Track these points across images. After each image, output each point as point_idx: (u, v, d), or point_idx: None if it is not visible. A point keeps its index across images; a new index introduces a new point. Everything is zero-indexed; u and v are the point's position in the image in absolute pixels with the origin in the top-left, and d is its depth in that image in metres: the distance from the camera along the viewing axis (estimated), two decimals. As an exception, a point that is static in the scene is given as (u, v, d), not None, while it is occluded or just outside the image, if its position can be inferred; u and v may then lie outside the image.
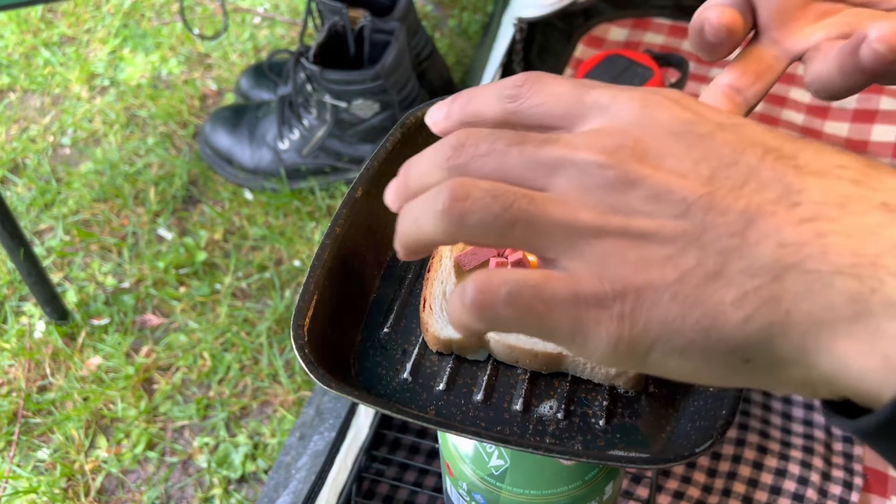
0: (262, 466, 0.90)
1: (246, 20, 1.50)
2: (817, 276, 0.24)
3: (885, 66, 0.33)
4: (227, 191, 1.20)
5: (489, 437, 0.36)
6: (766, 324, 0.25)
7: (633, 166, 0.27)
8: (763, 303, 0.25)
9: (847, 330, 0.24)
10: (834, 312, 0.24)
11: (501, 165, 0.28)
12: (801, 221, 0.25)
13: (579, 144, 0.27)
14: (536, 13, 1.05)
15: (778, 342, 0.25)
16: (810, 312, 0.24)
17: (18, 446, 0.93)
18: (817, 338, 0.24)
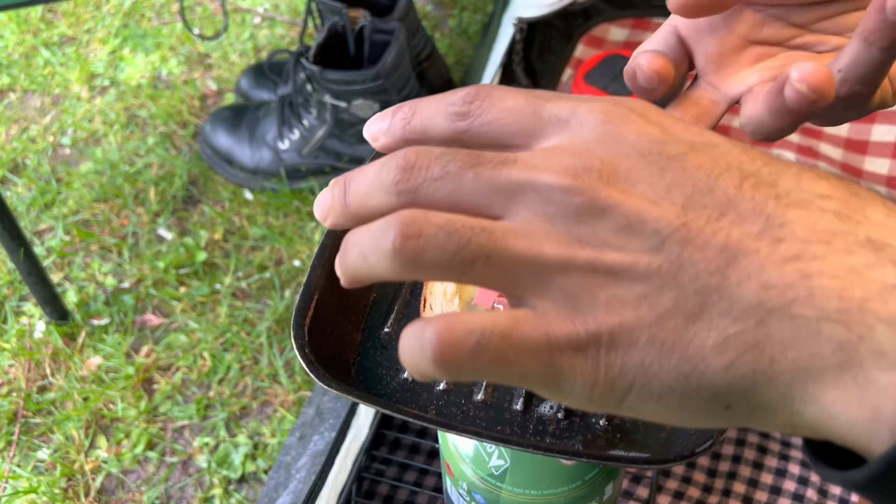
0: (262, 466, 0.90)
1: (246, 20, 1.50)
2: (804, 321, 0.23)
3: (808, 106, 0.33)
4: (227, 191, 1.20)
5: (489, 436, 0.36)
6: (749, 371, 0.24)
7: (601, 192, 0.24)
8: (746, 349, 0.23)
9: (835, 380, 0.23)
10: (821, 361, 0.23)
11: (455, 191, 0.25)
12: (785, 260, 0.23)
13: (540, 165, 0.25)
14: (536, 13, 1.05)
15: (762, 390, 0.24)
16: (796, 361, 0.23)
17: (18, 446, 0.93)
18: (804, 387, 0.23)
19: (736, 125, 1.04)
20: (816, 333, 0.23)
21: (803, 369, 0.23)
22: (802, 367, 0.23)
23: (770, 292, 0.23)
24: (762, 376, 0.23)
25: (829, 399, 0.23)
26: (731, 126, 1.05)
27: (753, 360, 0.23)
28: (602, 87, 0.95)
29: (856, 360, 0.22)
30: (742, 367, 0.23)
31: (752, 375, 0.23)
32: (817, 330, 0.23)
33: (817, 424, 0.24)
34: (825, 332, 0.23)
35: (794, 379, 0.23)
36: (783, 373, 0.23)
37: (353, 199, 0.27)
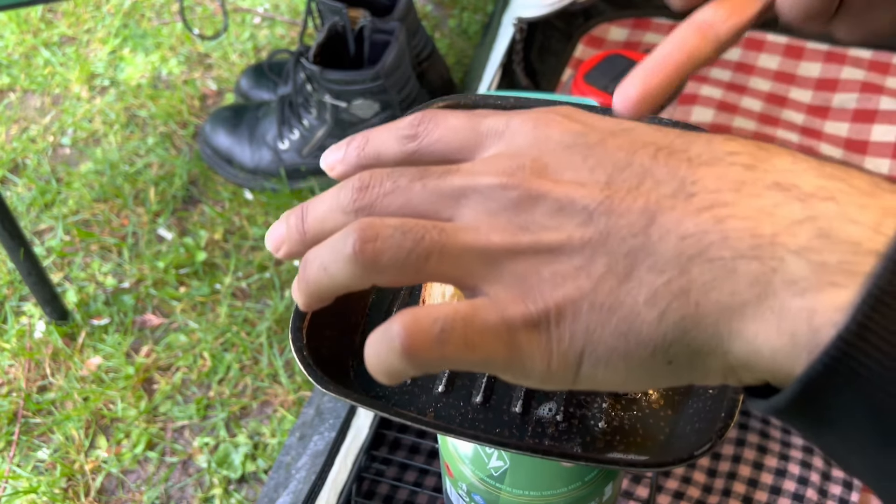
0: (262, 466, 0.90)
1: (246, 20, 1.50)
2: (721, 263, 0.24)
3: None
4: (227, 191, 1.20)
5: (488, 439, 0.36)
6: (679, 318, 0.25)
7: (533, 183, 0.27)
8: (673, 297, 0.25)
9: (754, 312, 0.24)
10: (740, 297, 0.24)
11: (406, 203, 0.28)
12: (699, 211, 0.25)
13: (479, 171, 0.28)
14: (536, 13, 1.05)
15: (693, 335, 0.25)
16: (718, 301, 0.25)
17: (18, 446, 0.93)
18: (728, 324, 0.25)
19: (736, 125, 1.04)
20: (733, 272, 0.24)
21: (726, 307, 0.25)
22: (725, 305, 0.25)
23: (688, 241, 0.25)
24: (690, 321, 0.25)
25: (751, 332, 0.24)
26: (732, 125, 1.05)
27: (681, 307, 0.25)
28: (602, 88, 0.95)
29: (770, 291, 0.24)
30: (671, 314, 0.25)
31: (681, 321, 0.25)
32: (734, 268, 0.24)
33: (747, 362, 0.25)
34: (741, 270, 0.24)
35: (720, 318, 0.25)
36: (709, 314, 0.25)
37: (311, 225, 0.29)
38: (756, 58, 1.14)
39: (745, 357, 0.25)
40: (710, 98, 1.08)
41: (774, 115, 1.06)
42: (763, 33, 1.16)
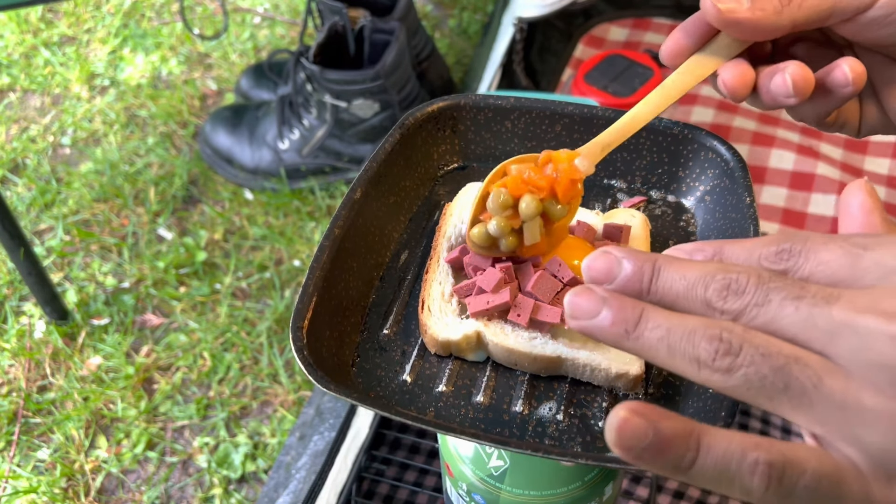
0: (262, 466, 0.90)
1: (246, 20, 1.50)
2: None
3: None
4: (227, 191, 1.20)
5: (488, 439, 0.36)
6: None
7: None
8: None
9: None
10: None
11: (774, 320, 0.25)
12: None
13: (864, 307, 0.24)
14: (536, 13, 1.05)
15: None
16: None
17: (18, 446, 0.93)
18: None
19: (736, 125, 1.04)
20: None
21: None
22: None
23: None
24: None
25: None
26: (732, 125, 1.05)
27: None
28: (602, 88, 0.95)
29: None
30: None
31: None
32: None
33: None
34: None
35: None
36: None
37: (662, 291, 0.27)
38: (756, 58, 1.14)
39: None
40: (710, 98, 1.08)
41: (774, 114, 1.06)
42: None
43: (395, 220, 0.48)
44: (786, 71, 0.38)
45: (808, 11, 0.37)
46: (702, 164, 0.49)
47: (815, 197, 0.96)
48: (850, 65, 0.38)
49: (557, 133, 0.51)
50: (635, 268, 0.28)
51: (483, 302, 0.41)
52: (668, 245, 0.48)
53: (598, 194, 0.51)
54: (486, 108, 0.51)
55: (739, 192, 0.45)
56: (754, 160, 1.00)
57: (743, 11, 0.37)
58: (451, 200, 0.49)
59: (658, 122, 0.49)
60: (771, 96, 0.39)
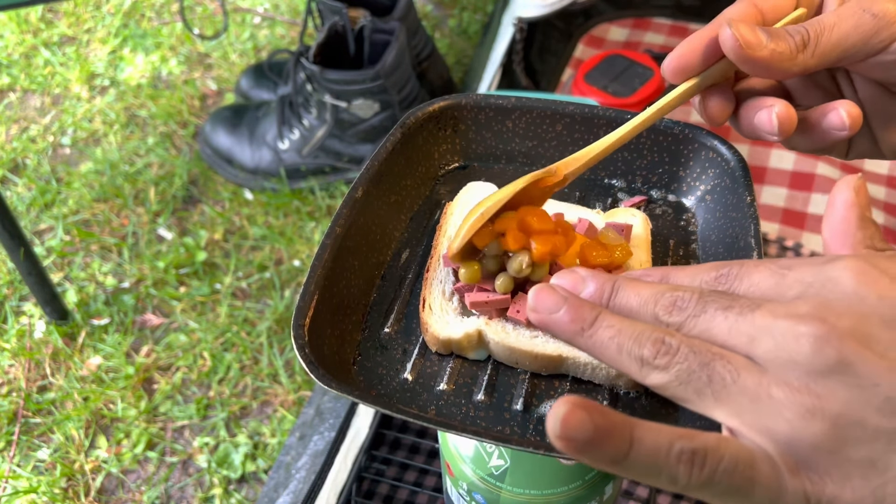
0: (262, 466, 0.90)
1: (246, 20, 1.50)
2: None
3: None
4: (227, 191, 1.20)
5: (489, 436, 0.36)
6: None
7: (835, 346, 0.26)
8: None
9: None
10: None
11: (708, 329, 0.28)
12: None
13: (782, 312, 0.27)
14: (536, 13, 1.05)
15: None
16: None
17: (18, 446, 0.93)
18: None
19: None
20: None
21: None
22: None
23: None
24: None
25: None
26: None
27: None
28: (602, 87, 0.95)
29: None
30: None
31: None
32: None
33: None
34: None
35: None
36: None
37: (619, 306, 0.31)
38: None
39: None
40: (709, 98, 1.08)
41: (774, 115, 1.06)
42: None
43: (396, 218, 0.48)
44: (772, 109, 0.38)
45: (819, 59, 0.37)
46: (702, 163, 0.49)
47: (814, 197, 0.96)
48: (847, 109, 0.38)
49: (558, 133, 0.51)
50: (597, 285, 0.31)
51: (483, 297, 0.41)
52: (668, 244, 0.48)
53: (598, 194, 0.51)
54: (487, 107, 0.51)
55: (740, 191, 0.45)
56: (754, 160, 1.00)
57: (761, 51, 0.37)
58: (452, 199, 0.49)
59: (659, 122, 0.49)
60: (752, 128, 0.40)
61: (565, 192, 0.51)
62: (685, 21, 1.21)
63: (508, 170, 0.53)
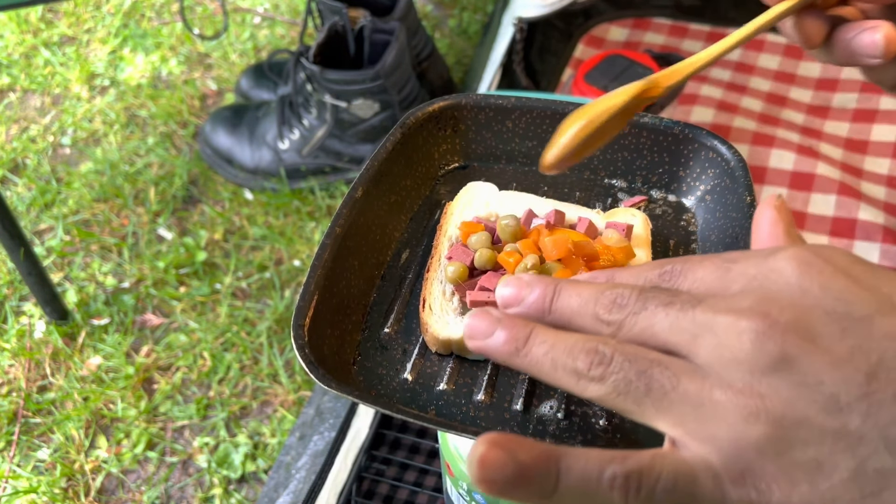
0: (262, 466, 0.90)
1: (246, 20, 1.50)
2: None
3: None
4: (227, 191, 1.20)
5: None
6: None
7: (778, 342, 0.25)
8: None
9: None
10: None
11: (650, 326, 0.27)
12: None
13: (724, 307, 0.26)
14: (536, 13, 1.05)
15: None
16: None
17: (18, 446, 0.93)
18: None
19: (736, 125, 1.04)
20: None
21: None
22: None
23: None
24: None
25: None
26: (732, 125, 1.05)
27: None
28: (602, 87, 0.95)
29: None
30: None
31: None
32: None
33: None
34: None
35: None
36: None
37: (560, 311, 0.30)
38: (756, 58, 1.14)
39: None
40: (710, 98, 1.08)
41: (774, 114, 1.06)
42: (763, 33, 1.16)
43: (396, 219, 0.48)
44: (878, 30, 0.37)
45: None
46: (702, 163, 0.49)
47: (814, 197, 0.96)
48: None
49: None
50: (541, 290, 0.30)
51: (483, 296, 0.41)
52: (668, 244, 0.48)
53: (598, 194, 0.51)
54: (487, 107, 0.51)
55: (740, 191, 0.45)
56: (754, 160, 1.00)
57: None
58: (452, 199, 0.49)
59: (659, 122, 0.49)
60: (850, 52, 0.38)
61: (565, 192, 0.51)
62: (685, 21, 1.21)
63: (508, 170, 0.53)
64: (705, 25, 1.20)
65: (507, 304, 0.31)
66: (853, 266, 0.26)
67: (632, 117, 0.40)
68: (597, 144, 0.38)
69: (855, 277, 0.26)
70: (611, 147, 0.51)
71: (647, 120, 0.49)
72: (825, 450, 0.24)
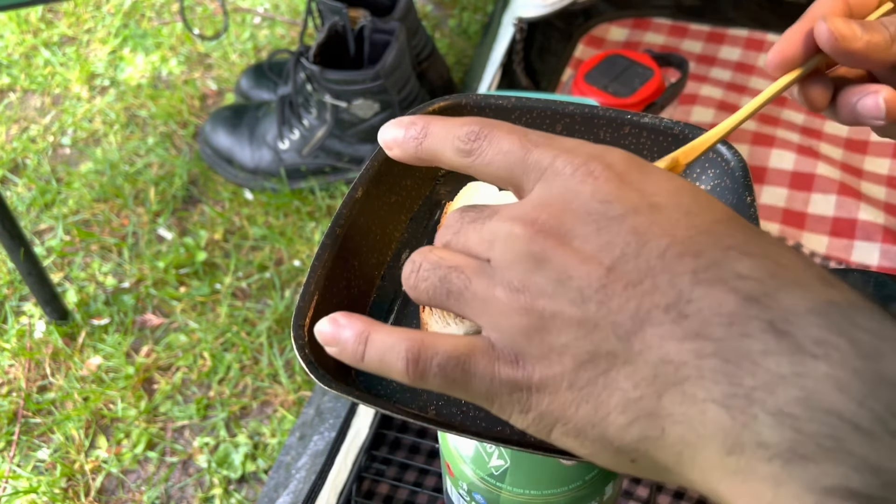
0: (262, 466, 0.90)
1: (246, 20, 1.50)
2: (692, 401, 0.24)
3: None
4: (227, 191, 1.20)
5: (489, 436, 0.36)
6: (644, 436, 0.26)
7: (539, 244, 0.28)
8: (642, 414, 0.26)
9: (720, 460, 0.24)
10: (706, 440, 0.24)
11: (466, 241, 0.30)
12: (685, 337, 0.25)
13: (509, 215, 0.29)
14: (536, 13, 1.05)
15: (655, 454, 0.26)
16: (683, 436, 0.25)
17: (18, 446, 0.93)
18: (692, 458, 0.25)
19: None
20: (702, 413, 0.24)
21: (690, 444, 0.25)
22: (690, 442, 0.25)
23: (666, 367, 0.25)
24: (655, 442, 0.26)
25: (715, 476, 0.25)
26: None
27: (648, 427, 0.26)
28: (602, 87, 0.95)
29: (737, 447, 0.24)
30: (637, 429, 0.26)
31: (646, 439, 0.26)
32: (703, 410, 0.24)
33: (707, 492, 0.25)
34: (710, 414, 0.24)
35: (683, 451, 0.25)
36: (674, 444, 0.25)
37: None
38: (756, 58, 1.14)
39: (705, 491, 0.25)
40: (710, 98, 1.08)
41: (774, 114, 1.06)
42: (763, 33, 1.16)
43: (396, 219, 0.48)
44: (878, 95, 0.40)
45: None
46: (702, 163, 0.49)
47: (814, 197, 0.96)
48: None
49: (558, 133, 0.51)
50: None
51: None
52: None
53: (598, 194, 0.51)
54: (488, 107, 0.51)
55: (740, 191, 0.45)
56: (754, 160, 1.00)
57: (857, 43, 0.38)
58: (452, 199, 0.49)
59: (659, 122, 0.49)
60: (853, 114, 0.41)
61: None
62: (685, 21, 1.21)
63: (508, 170, 0.53)
64: (705, 25, 1.20)
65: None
66: (629, 170, 0.29)
67: None
68: None
69: (627, 181, 0.28)
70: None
71: (647, 120, 0.49)
72: (571, 336, 0.27)
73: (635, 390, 0.26)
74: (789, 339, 0.24)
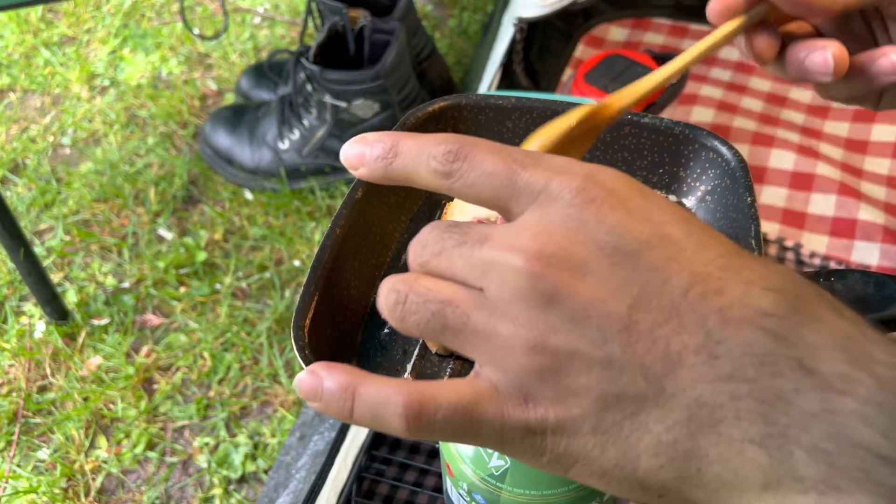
0: (262, 466, 0.90)
1: (246, 20, 1.50)
2: (729, 441, 0.24)
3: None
4: (227, 191, 1.20)
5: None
6: (678, 476, 0.25)
7: (550, 279, 0.26)
8: (676, 456, 0.25)
9: (757, 496, 0.24)
10: (744, 478, 0.24)
11: (450, 265, 0.28)
12: (718, 379, 0.25)
13: (506, 244, 0.27)
14: (536, 13, 1.05)
15: (690, 491, 0.26)
16: (719, 475, 0.25)
17: (18, 446, 0.93)
18: (728, 496, 0.25)
19: (736, 125, 1.04)
20: (740, 453, 0.24)
21: (727, 483, 0.25)
22: (726, 480, 0.25)
23: (701, 410, 0.25)
24: (689, 482, 0.25)
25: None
26: (732, 125, 1.05)
27: (682, 468, 0.25)
28: (602, 87, 0.95)
29: (774, 482, 0.24)
30: (671, 471, 0.25)
31: (679, 479, 0.25)
32: (741, 450, 0.24)
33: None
34: (748, 454, 0.24)
35: (720, 489, 0.25)
36: (708, 483, 0.25)
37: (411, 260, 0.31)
38: (756, 58, 1.14)
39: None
40: (710, 98, 1.08)
41: (774, 114, 1.06)
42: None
43: (395, 219, 0.48)
44: (827, 50, 0.39)
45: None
46: (703, 164, 0.49)
47: (814, 197, 0.96)
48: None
49: (558, 133, 0.51)
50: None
51: None
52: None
53: (598, 194, 0.51)
54: (488, 107, 0.51)
55: (740, 192, 0.45)
56: (754, 160, 1.00)
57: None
58: (452, 200, 0.49)
59: (659, 122, 0.49)
60: (801, 70, 0.40)
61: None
62: (685, 21, 1.21)
63: (508, 170, 0.53)
64: (705, 25, 1.20)
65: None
66: (631, 196, 0.27)
67: (593, 140, 0.40)
68: None
69: (631, 209, 0.27)
70: (611, 148, 0.51)
71: (647, 120, 0.49)
72: (594, 377, 0.26)
73: (668, 433, 0.25)
74: (817, 377, 0.24)
